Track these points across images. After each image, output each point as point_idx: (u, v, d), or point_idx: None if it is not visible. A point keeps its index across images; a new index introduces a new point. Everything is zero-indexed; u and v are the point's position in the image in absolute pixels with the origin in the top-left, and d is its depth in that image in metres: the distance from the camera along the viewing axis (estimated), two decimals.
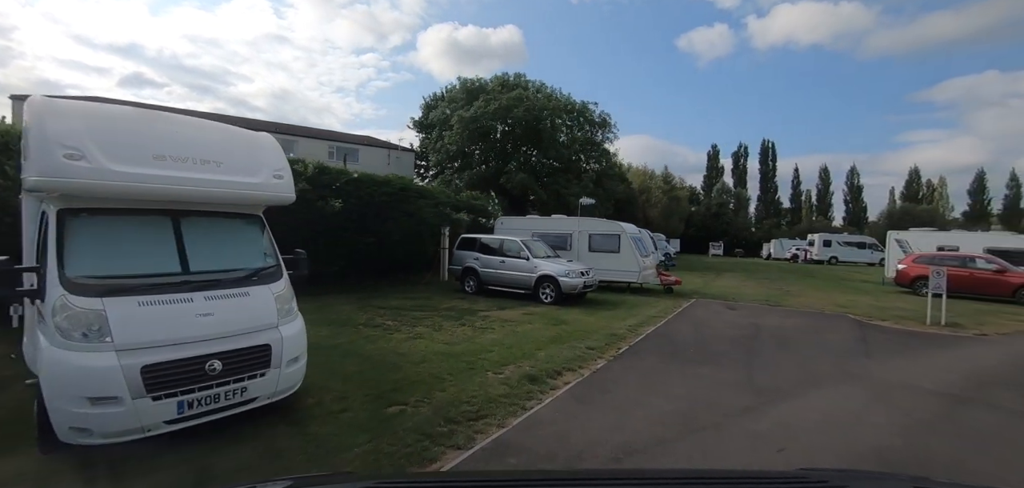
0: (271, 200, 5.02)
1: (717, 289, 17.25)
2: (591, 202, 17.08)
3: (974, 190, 73.39)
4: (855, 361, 7.14)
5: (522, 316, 10.08)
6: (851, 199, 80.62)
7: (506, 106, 29.33)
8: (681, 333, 8.82)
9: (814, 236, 43.17)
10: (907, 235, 20.40)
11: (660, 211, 66.44)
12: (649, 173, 69.67)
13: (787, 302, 13.90)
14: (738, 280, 21.66)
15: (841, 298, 15.54)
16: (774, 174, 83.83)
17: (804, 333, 9.16)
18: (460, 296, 12.73)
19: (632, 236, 15.13)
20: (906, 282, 17.48)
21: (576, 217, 15.84)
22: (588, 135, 38.02)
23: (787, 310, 12.34)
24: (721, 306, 12.49)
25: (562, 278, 11.73)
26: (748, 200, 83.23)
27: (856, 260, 40.15)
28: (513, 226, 16.55)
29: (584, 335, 8.36)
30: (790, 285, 19.71)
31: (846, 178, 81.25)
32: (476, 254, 13.53)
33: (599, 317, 10.29)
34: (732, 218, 77.21)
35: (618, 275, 14.81)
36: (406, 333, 8.05)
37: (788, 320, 10.62)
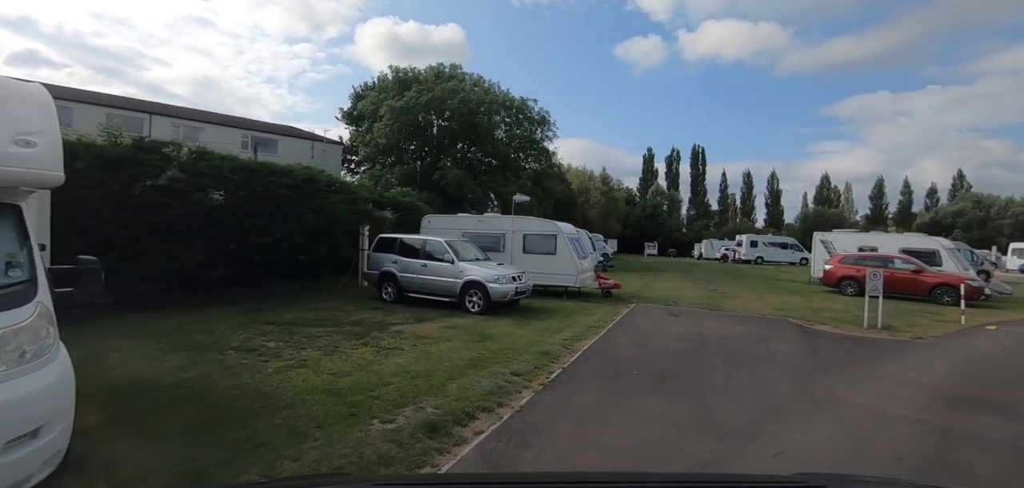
0: (9, 179, 3.21)
1: (656, 291, 16.65)
2: (525, 200, 15.87)
3: (874, 196, 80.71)
4: (815, 380, 6.30)
5: (441, 331, 8.58)
6: (771, 202, 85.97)
7: (440, 97, 27.61)
8: (622, 348, 7.70)
9: (742, 237, 44.98)
10: (831, 236, 21.02)
11: (599, 212, 67.17)
12: (588, 174, 70.28)
13: (726, 305, 13.39)
14: (675, 281, 21.39)
15: (775, 299, 15.37)
16: (704, 178, 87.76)
17: (752, 343, 8.37)
18: (375, 306, 11.01)
19: (569, 237, 14.07)
20: (833, 282, 17.79)
21: (510, 216, 14.55)
22: (528, 133, 37.06)
23: (728, 315, 11.72)
24: (662, 312, 11.66)
25: (491, 284, 10.35)
26: (680, 202, 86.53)
27: (780, 260, 42.16)
28: (441, 225, 14.99)
29: (511, 355, 7.00)
30: (725, 286, 19.61)
31: (767, 183, 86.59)
32: (395, 257, 11.85)
33: (531, 329, 9.01)
34: (666, 219, 79.81)
35: (554, 279, 13.68)
36: (287, 360, 6.31)
37: (733, 327, 9.89)
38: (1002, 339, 9.90)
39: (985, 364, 7.61)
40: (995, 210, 63.69)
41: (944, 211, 68.79)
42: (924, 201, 77.51)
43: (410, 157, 30.69)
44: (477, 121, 28.23)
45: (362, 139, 31.98)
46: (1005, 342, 9.56)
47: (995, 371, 7.18)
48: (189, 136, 26.04)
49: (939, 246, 18.00)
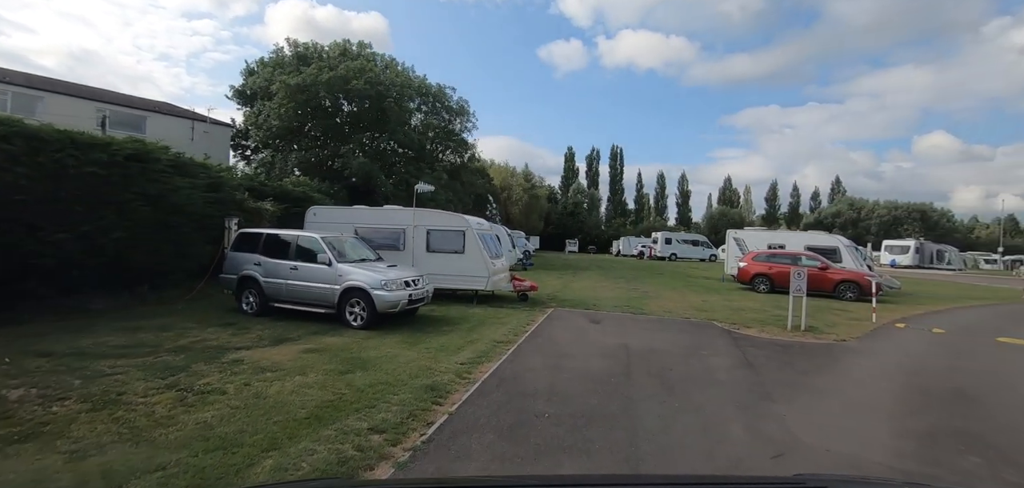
0: None
1: (576, 293, 15.47)
2: (429, 189, 13.94)
3: (769, 197, 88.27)
4: (763, 412, 5.09)
5: (299, 357, 6.45)
6: (681, 202, 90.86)
7: (344, 76, 24.60)
8: (534, 374, 6.08)
9: (657, 234, 46.30)
10: (744, 234, 21.33)
11: (521, 209, 66.58)
12: (511, 170, 69.42)
13: (649, 307, 12.43)
14: (595, 280, 20.54)
15: (695, 299, 14.80)
16: (622, 178, 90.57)
17: (684, 357, 7.16)
18: (227, 321, 8.53)
19: (480, 233, 12.34)
20: (746, 279, 17.77)
21: (411, 209, 12.51)
22: (445, 123, 34.91)
23: (653, 319, 10.65)
24: (583, 319, 10.31)
25: (377, 291, 8.31)
26: (599, 200, 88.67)
27: (691, 256, 43.84)
28: (331, 219, 12.61)
29: (383, 393, 5.11)
30: (645, 284, 19.04)
31: (677, 184, 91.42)
32: (258, 257, 9.39)
33: (423, 349, 7.14)
34: (586, 217, 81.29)
35: (463, 281, 11.90)
36: (15, 423, 3.94)
37: (660, 336, 8.72)
38: (917, 339, 9.68)
39: (923, 374, 6.98)
40: (865, 212, 72.04)
41: (825, 212, 76.65)
42: (809, 203, 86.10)
43: (311, 143, 27.24)
44: (386, 106, 25.57)
45: (254, 121, 27.95)
46: (922, 343, 9.30)
47: (938, 382, 6.52)
48: (22, 107, 20.90)
49: (840, 243, 18.69)
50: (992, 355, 8.46)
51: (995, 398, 5.95)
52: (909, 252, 41.82)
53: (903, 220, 66.96)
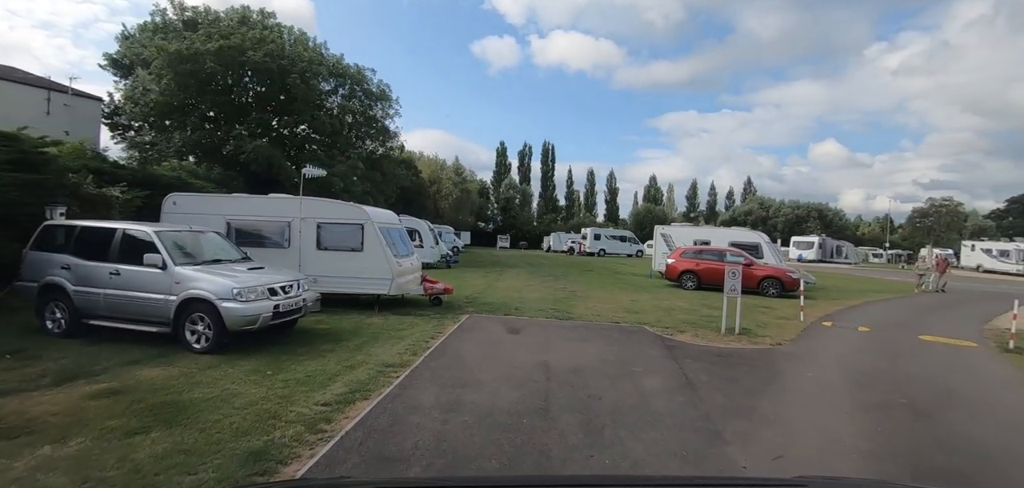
0: None
1: (500, 293, 14.07)
2: (320, 173, 11.83)
3: (690, 196, 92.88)
4: (712, 456, 3.90)
5: (78, 405, 4.42)
6: (610, 199, 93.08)
7: (239, 47, 21.37)
8: (418, 419, 4.50)
9: (586, 230, 46.30)
10: (671, 230, 21.09)
11: (451, 204, 64.34)
12: (440, 164, 66.98)
13: (577, 310, 11.28)
14: (523, 278, 19.31)
15: (624, 298, 13.95)
16: (553, 174, 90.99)
17: (614, 379, 5.91)
18: (16, 347, 6.13)
19: (384, 227, 10.53)
20: (674, 276, 17.34)
21: (297, 198, 10.41)
22: (365, 108, 32.19)
23: (580, 326, 9.45)
24: (501, 328, 8.86)
25: (227, 303, 6.32)
26: (532, 196, 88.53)
27: (619, 252, 44.30)
28: (195, 209, 10.21)
29: (173, 471, 3.31)
30: (574, 282, 18.08)
31: (606, 182, 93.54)
32: (68, 258, 6.99)
33: (278, 383, 5.32)
34: (518, 213, 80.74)
35: (361, 284, 10.03)
36: None
37: (586, 349, 7.46)
38: (848, 340, 9.25)
39: (872, 387, 6.25)
40: (772, 210, 77.70)
41: (739, 210, 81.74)
42: (724, 202, 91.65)
43: (199, 124, 23.58)
44: (291, 83, 22.61)
45: (130, 94, 23.75)
46: (854, 344, 8.85)
47: (890, 396, 5.77)
48: None
49: (762, 240, 18.85)
50: (924, 357, 8.09)
51: (954, 416, 5.24)
52: (814, 247, 45.08)
53: (805, 218, 72.91)
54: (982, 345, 9.26)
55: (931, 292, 19.43)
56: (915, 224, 69.87)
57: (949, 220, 67.05)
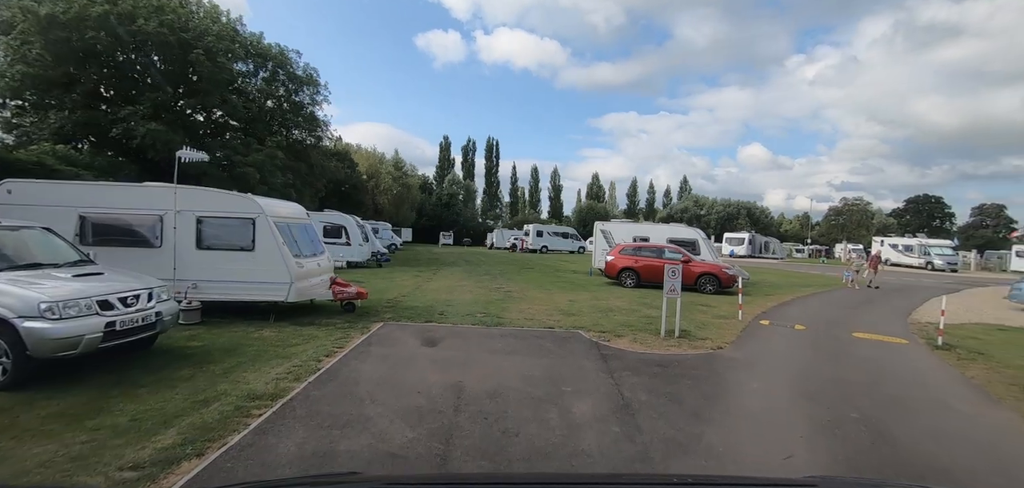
0: None
1: (428, 295, 12.82)
2: (201, 157, 10.05)
3: (630, 194, 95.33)
4: None
5: None
6: (553, 196, 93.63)
7: (129, 14, 18.48)
8: None
9: (529, 227, 45.73)
10: (611, 226, 20.67)
11: (391, 199, 61.82)
12: (379, 157, 64.15)
13: (508, 313, 10.27)
14: (458, 277, 18.12)
15: (562, 299, 13.14)
16: (497, 170, 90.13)
17: (537, 407, 4.90)
18: None
19: (284, 222, 8.99)
20: (613, 274, 16.83)
21: (172, 187, 8.62)
22: (289, 93, 29.60)
23: (508, 334, 8.42)
24: (416, 339, 7.65)
25: (29, 323, 4.70)
26: (475, 192, 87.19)
27: (562, 249, 44.07)
28: (38, 199, 8.22)
29: None
30: (512, 281, 17.12)
31: (550, 179, 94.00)
32: None
33: (83, 432, 3.87)
34: (461, 209, 79.12)
35: (253, 291, 8.44)
36: None
37: (510, 364, 6.43)
38: (788, 342, 8.86)
39: (820, 397, 5.66)
40: (706, 208, 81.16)
41: (676, 208, 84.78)
42: (662, 200, 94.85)
43: (86, 102, 20.31)
44: (194, 59, 19.94)
45: None
46: (794, 346, 8.44)
47: (841, 410, 5.16)
48: None
49: (699, 236, 18.79)
50: (863, 358, 7.77)
51: (911, 432, 4.69)
52: (744, 243, 47.12)
53: (735, 216, 76.79)
54: (912, 342, 9.19)
55: (867, 288, 19.91)
56: (831, 221, 75.62)
57: (859, 218, 73.07)
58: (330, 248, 20.75)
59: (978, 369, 7.22)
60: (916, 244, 41.20)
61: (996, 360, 7.87)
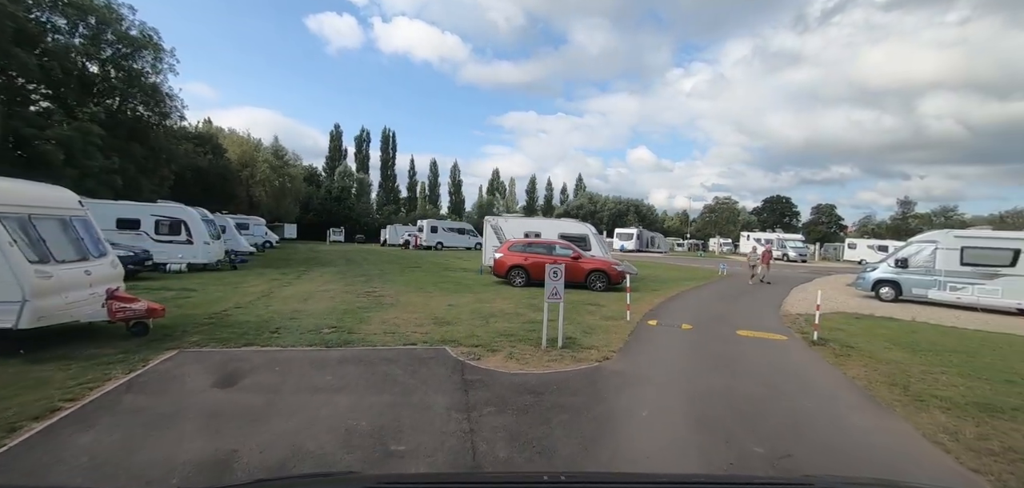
0: None
1: (274, 304, 10.43)
2: None
3: (529, 191, 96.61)
4: None
5: None
6: (454, 191, 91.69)
7: None
8: None
9: (423, 222, 43.29)
10: (501, 221, 19.49)
11: (270, 192, 55.42)
12: (254, 144, 57.14)
13: (366, 327, 8.40)
14: (326, 279, 15.66)
15: (440, 302, 11.55)
16: (394, 163, 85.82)
17: None
18: None
19: (15, 216, 6.22)
20: (502, 272, 15.62)
21: None
22: (122, 58, 24.30)
23: (351, 357, 6.60)
24: (208, 378, 5.50)
25: None
26: (370, 186, 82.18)
27: (458, 245, 42.47)
28: None
29: None
30: (390, 283, 15.12)
31: (450, 174, 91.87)
32: None
33: None
34: (354, 203, 73.93)
35: None
36: None
37: (327, 412, 4.63)
38: (677, 345, 8.14)
39: (717, 423, 4.69)
40: (599, 205, 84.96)
41: (572, 205, 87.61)
42: (559, 197, 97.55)
43: None
44: None
45: None
46: (684, 350, 7.72)
47: (743, 431, 4.20)
48: None
49: (589, 232, 18.33)
50: (751, 363, 7.22)
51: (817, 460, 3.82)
52: (633, 239, 49.44)
53: (625, 212, 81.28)
54: (790, 337, 9.04)
55: (760, 282, 20.27)
56: (705, 218, 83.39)
57: (728, 215, 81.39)
58: (166, 248, 17.09)
59: (856, 367, 6.98)
60: (775, 238, 46.31)
61: (866, 354, 7.82)
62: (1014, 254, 14.17)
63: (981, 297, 14.50)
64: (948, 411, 5.23)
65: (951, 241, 15.12)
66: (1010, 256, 14.21)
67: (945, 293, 15.03)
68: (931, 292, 15.25)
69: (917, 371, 6.83)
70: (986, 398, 5.71)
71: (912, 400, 5.55)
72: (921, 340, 9.31)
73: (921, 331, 10.49)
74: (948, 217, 67.75)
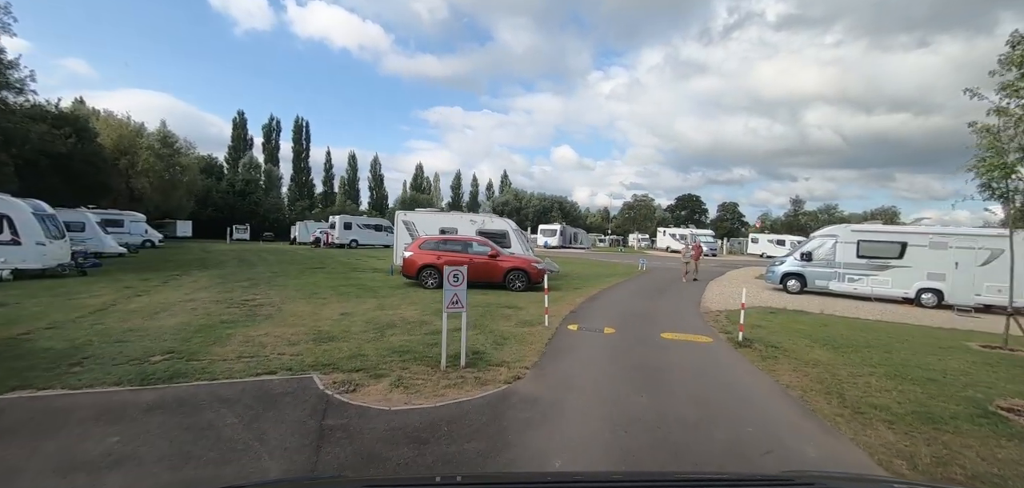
0: None
1: (111, 319, 8.13)
2: None
3: (454, 186, 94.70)
4: None
5: None
6: (375, 186, 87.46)
7: None
8: None
9: (335, 218, 39.96)
10: (414, 216, 17.83)
11: (156, 184, 48.70)
12: (135, 128, 49.91)
13: (218, 349, 6.55)
14: (199, 286, 13.13)
15: (333, 310, 9.83)
16: (308, 155, 79.85)
17: None
18: None
19: None
20: (412, 273, 14.05)
21: None
22: None
23: (167, 400, 4.85)
24: None
25: None
26: (280, 179, 75.82)
27: (374, 243, 39.82)
28: None
29: None
30: (277, 288, 12.97)
31: (371, 168, 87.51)
32: None
33: None
34: (262, 198, 67.62)
35: None
36: None
37: None
38: (597, 354, 7.19)
39: (641, 455, 3.65)
40: (525, 201, 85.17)
41: (497, 201, 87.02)
42: (485, 193, 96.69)
43: None
44: None
45: None
46: (605, 360, 6.76)
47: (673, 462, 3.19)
48: None
49: (509, 227, 17.26)
50: (680, 376, 6.41)
51: None
52: (557, 235, 49.54)
53: (550, 209, 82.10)
54: (716, 340, 8.48)
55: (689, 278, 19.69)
56: (625, 215, 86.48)
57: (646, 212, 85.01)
58: None
59: (786, 372, 6.41)
60: (689, 234, 48.61)
61: (792, 355, 7.37)
62: (901, 247, 15.10)
63: (874, 288, 15.35)
64: (892, 425, 4.65)
65: (849, 235, 15.89)
66: (898, 249, 15.14)
67: (844, 284, 15.76)
68: (832, 284, 15.94)
69: (846, 375, 6.39)
70: (922, 405, 5.26)
71: (853, 414, 4.94)
72: (836, 335, 9.20)
73: (832, 324, 10.53)
74: (830, 214, 75.74)
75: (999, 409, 5.21)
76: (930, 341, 9.25)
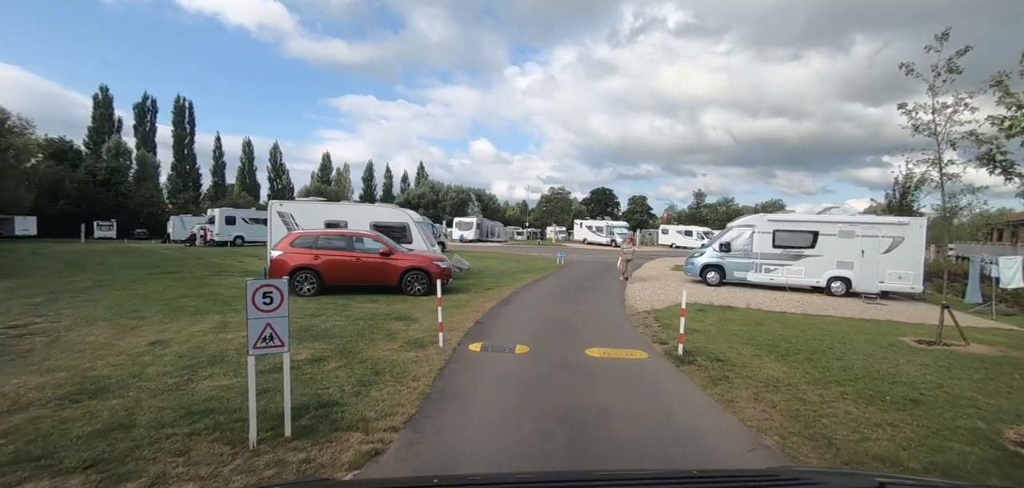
0: None
1: None
2: None
3: (366, 177, 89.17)
4: None
5: None
6: (274, 177, 79.60)
7: None
8: None
9: (215, 212, 34.37)
10: (292, 207, 14.73)
11: None
12: None
13: None
14: None
15: (143, 337, 6.94)
16: (192, 141, 70.23)
17: None
18: None
19: None
20: (283, 276, 11.22)
21: None
22: None
23: None
24: None
25: None
26: (157, 168, 65.89)
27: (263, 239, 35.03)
28: None
29: None
30: (85, 304, 9.53)
31: (270, 157, 79.44)
32: None
33: None
34: (132, 189, 57.99)
35: None
36: None
37: None
38: (504, 389, 5.23)
39: None
40: (442, 194, 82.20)
41: (413, 193, 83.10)
42: (400, 185, 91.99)
43: None
44: None
45: None
46: (514, 394, 4.81)
47: None
48: None
49: (409, 220, 14.87)
50: (615, 415, 4.65)
51: None
52: (473, 228, 47.49)
53: (467, 202, 79.93)
54: (652, 354, 6.92)
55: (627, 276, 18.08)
56: (542, 208, 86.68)
57: (563, 205, 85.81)
58: None
59: (748, 403, 4.90)
60: (605, 225, 49.05)
61: (743, 372, 5.97)
62: (813, 236, 14.99)
63: (789, 277, 15.13)
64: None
65: (765, 225, 15.57)
66: (810, 238, 15.01)
67: (761, 275, 15.41)
68: (750, 275, 15.53)
69: (815, 399, 5.02)
70: (928, 449, 3.93)
71: None
72: (776, 337, 8.12)
73: (766, 323, 9.57)
74: (728, 207, 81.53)
75: (1009, 443, 4.03)
76: (866, 337, 8.51)
